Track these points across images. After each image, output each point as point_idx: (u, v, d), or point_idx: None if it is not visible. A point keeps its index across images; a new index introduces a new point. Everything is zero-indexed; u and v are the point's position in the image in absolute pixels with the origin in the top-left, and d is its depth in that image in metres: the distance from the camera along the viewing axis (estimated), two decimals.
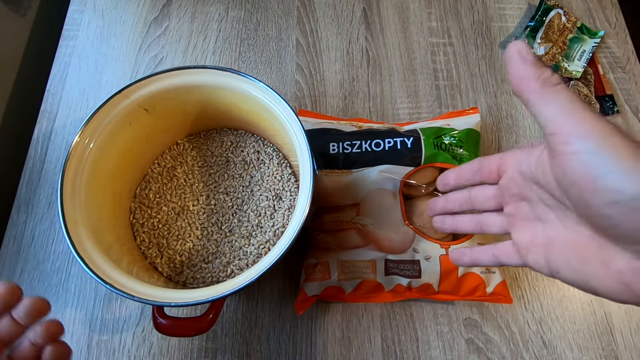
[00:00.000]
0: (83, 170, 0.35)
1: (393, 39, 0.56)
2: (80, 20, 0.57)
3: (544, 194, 0.25)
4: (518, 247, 0.28)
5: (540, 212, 0.26)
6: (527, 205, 0.27)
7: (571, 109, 0.21)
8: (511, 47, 0.23)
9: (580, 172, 0.21)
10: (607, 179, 0.19)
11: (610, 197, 0.19)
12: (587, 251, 0.23)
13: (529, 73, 0.23)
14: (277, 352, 0.42)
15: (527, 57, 0.23)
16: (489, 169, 0.30)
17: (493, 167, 0.30)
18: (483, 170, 0.30)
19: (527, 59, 0.23)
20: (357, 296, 0.42)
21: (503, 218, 0.30)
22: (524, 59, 0.23)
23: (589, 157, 0.20)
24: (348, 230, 0.42)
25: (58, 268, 0.45)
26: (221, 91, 0.39)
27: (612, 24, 0.57)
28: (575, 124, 0.21)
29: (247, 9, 0.58)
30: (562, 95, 0.22)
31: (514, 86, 0.24)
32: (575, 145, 0.21)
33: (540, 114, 0.22)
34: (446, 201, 0.34)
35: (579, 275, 0.24)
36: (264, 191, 0.44)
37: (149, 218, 0.43)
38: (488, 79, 0.54)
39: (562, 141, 0.21)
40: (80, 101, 0.52)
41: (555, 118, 0.22)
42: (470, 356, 0.42)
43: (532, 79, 0.22)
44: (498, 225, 0.30)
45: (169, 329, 0.34)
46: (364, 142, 0.45)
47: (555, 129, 0.22)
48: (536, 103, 0.23)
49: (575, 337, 0.43)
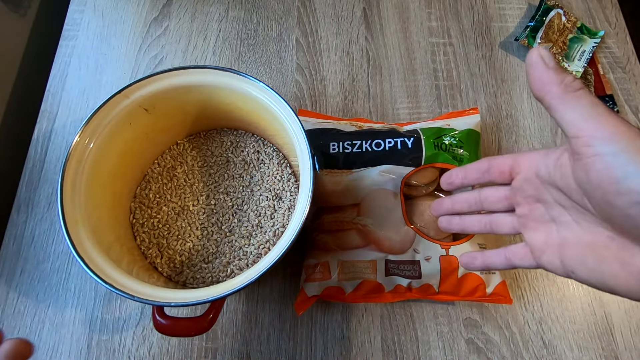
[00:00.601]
0: (83, 170, 0.35)
1: (393, 39, 0.56)
2: (80, 20, 0.57)
3: (561, 196, 0.26)
4: (532, 248, 0.28)
5: (556, 213, 0.26)
6: (542, 207, 0.27)
7: (594, 113, 0.22)
8: (533, 53, 0.24)
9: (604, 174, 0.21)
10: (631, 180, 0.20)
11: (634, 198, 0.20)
12: (605, 251, 0.23)
13: (550, 78, 0.23)
14: (277, 352, 0.42)
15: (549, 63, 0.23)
16: (500, 170, 0.30)
17: (505, 168, 0.30)
18: (493, 170, 0.30)
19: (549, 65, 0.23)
20: (357, 296, 0.42)
21: (514, 218, 0.30)
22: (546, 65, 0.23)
23: (612, 159, 0.20)
24: (348, 230, 0.42)
25: (58, 268, 0.45)
26: (221, 91, 0.39)
27: (612, 24, 0.57)
28: (598, 127, 0.21)
29: (247, 9, 0.58)
30: (584, 99, 0.22)
31: (535, 91, 0.24)
32: (598, 148, 0.21)
33: (563, 118, 0.23)
34: (453, 202, 0.34)
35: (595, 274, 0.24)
36: (264, 191, 0.44)
37: (149, 218, 0.43)
38: (488, 79, 0.54)
39: (586, 144, 0.21)
40: (80, 101, 0.52)
41: (577, 121, 0.22)
42: (470, 356, 0.42)
43: (554, 84, 0.23)
44: (509, 226, 0.30)
45: (169, 329, 0.34)
46: (364, 142, 0.45)
47: (578, 132, 0.22)
48: (558, 108, 0.23)
49: (575, 337, 0.43)
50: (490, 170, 0.30)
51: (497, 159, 0.30)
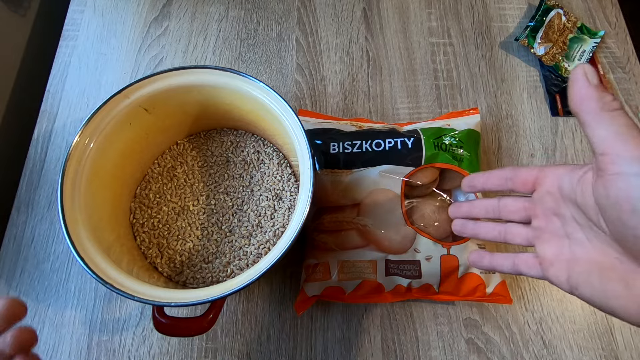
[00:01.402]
0: (83, 170, 0.35)
1: (393, 39, 0.56)
2: (80, 20, 0.57)
3: (578, 213, 0.26)
4: (541, 260, 0.28)
5: (571, 229, 0.27)
6: (559, 221, 0.28)
7: (627, 134, 0.22)
8: (578, 69, 0.24)
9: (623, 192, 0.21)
10: None
11: None
12: (611, 272, 0.24)
13: (589, 94, 0.23)
14: (277, 352, 0.42)
15: (591, 80, 0.23)
16: (524, 180, 0.30)
17: (529, 178, 0.30)
18: (516, 179, 0.31)
19: (591, 82, 0.23)
20: (357, 296, 0.42)
21: (529, 230, 0.30)
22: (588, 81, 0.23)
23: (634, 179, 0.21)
24: (348, 230, 0.42)
25: (58, 268, 0.45)
26: (221, 91, 0.39)
27: (612, 24, 0.57)
28: (627, 147, 0.21)
29: (247, 9, 0.58)
30: (619, 119, 0.22)
31: (572, 105, 0.24)
32: (622, 167, 0.21)
33: (594, 135, 0.23)
34: (471, 207, 0.34)
35: (598, 294, 0.24)
36: (264, 191, 0.44)
37: (149, 218, 0.43)
38: (488, 79, 0.54)
39: (611, 161, 0.22)
40: (80, 101, 0.52)
41: (607, 139, 0.22)
42: (470, 356, 0.42)
43: (592, 100, 0.23)
44: (522, 237, 0.31)
45: (169, 329, 0.34)
46: (364, 142, 0.45)
47: (606, 149, 0.22)
48: (592, 124, 0.23)
49: (575, 337, 0.43)
50: (514, 179, 0.31)
51: (523, 168, 0.31)
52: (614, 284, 0.23)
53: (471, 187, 0.34)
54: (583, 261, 0.25)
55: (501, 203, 0.32)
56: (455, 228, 0.35)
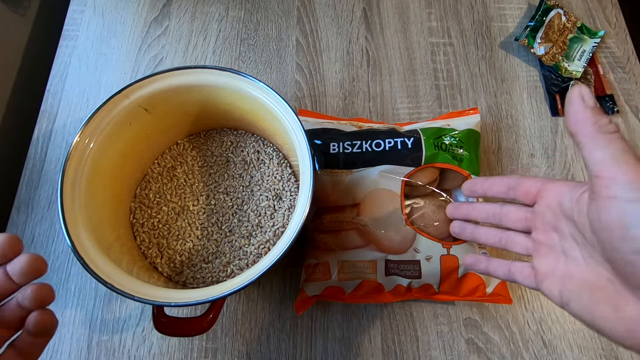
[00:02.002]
0: (83, 170, 0.35)
1: (393, 39, 0.56)
2: (80, 20, 0.57)
3: (575, 231, 0.26)
4: (536, 272, 0.29)
5: (568, 246, 0.27)
6: (557, 237, 0.28)
7: (622, 158, 0.22)
8: (575, 90, 0.24)
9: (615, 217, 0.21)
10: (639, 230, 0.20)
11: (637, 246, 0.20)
12: (602, 293, 0.24)
13: (585, 116, 0.23)
14: (277, 352, 0.42)
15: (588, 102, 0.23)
16: (527, 190, 0.30)
17: (532, 190, 0.30)
18: (519, 188, 0.31)
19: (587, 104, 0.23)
20: (357, 296, 0.42)
21: (529, 241, 0.30)
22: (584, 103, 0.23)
23: (626, 205, 0.21)
24: (348, 230, 0.42)
25: (58, 268, 0.45)
26: (221, 91, 0.39)
27: (612, 24, 0.57)
28: (621, 172, 0.21)
29: (247, 9, 0.58)
30: (615, 143, 0.22)
31: (569, 127, 0.24)
32: (615, 191, 0.21)
33: (590, 157, 0.23)
34: (471, 209, 0.34)
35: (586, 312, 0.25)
36: (264, 191, 0.44)
37: (149, 218, 0.43)
38: (488, 79, 0.54)
39: (605, 185, 0.22)
40: (80, 101, 0.52)
41: (603, 162, 0.22)
42: (470, 356, 0.42)
43: (588, 123, 0.23)
44: (522, 246, 0.31)
45: (169, 329, 0.34)
46: (364, 142, 0.45)
47: (600, 172, 0.22)
48: (587, 146, 0.23)
49: (575, 337, 0.43)
50: (517, 188, 0.31)
51: (527, 179, 0.31)
52: (603, 305, 0.23)
53: (472, 192, 0.34)
54: (576, 279, 0.26)
55: (503, 210, 0.32)
56: (454, 230, 0.35)
